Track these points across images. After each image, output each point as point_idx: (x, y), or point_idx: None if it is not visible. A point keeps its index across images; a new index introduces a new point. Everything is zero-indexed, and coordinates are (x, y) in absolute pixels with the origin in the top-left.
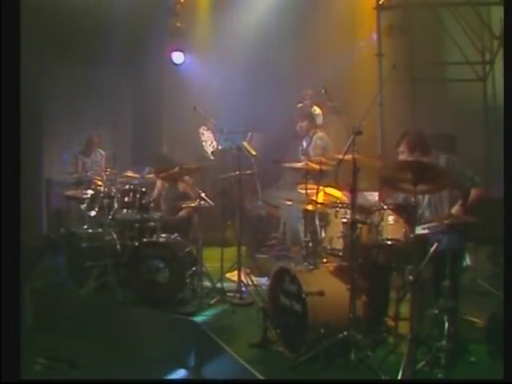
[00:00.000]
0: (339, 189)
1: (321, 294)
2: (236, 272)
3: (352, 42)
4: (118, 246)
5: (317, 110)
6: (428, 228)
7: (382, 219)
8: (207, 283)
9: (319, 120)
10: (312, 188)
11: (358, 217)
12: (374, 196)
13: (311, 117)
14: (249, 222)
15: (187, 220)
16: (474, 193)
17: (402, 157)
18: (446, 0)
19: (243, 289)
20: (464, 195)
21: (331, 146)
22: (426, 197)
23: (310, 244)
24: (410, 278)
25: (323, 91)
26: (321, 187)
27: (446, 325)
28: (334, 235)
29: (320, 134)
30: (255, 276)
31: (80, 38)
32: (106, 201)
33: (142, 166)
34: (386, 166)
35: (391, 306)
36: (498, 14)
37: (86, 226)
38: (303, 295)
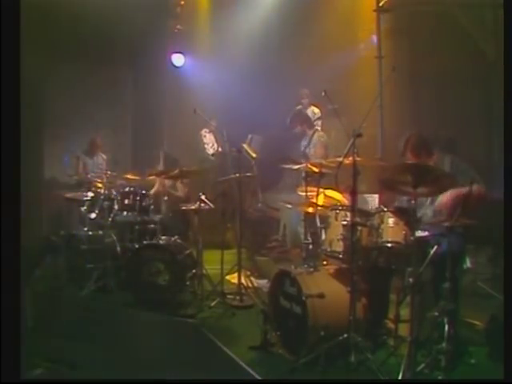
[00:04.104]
0: (339, 191)
1: (321, 296)
2: (236, 274)
3: (352, 44)
4: (118, 249)
5: (315, 110)
6: (428, 229)
7: (382, 221)
8: (207, 285)
9: (318, 120)
10: (312, 190)
11: (358, 219)
12: (373, 198)
13: (306, 119)
14: (249, 224)
15: (185, 221)
16: (475, 190)
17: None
18: (446, 1)
19: (243, 291)
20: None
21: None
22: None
23: (310, 246)
24: (410, 280)
25: (323, 93)
26: (321, 189)
27: (446, 327)
28: (334, 237)
29: (321, 133)
30: (255, 278)
31: (81, 40)
32: (106, 203)
33: (143, 168)
34: (387, 168)
35: (391, 308)
36: (498, 15)
37: (86, 228)
38: (303, 297)
